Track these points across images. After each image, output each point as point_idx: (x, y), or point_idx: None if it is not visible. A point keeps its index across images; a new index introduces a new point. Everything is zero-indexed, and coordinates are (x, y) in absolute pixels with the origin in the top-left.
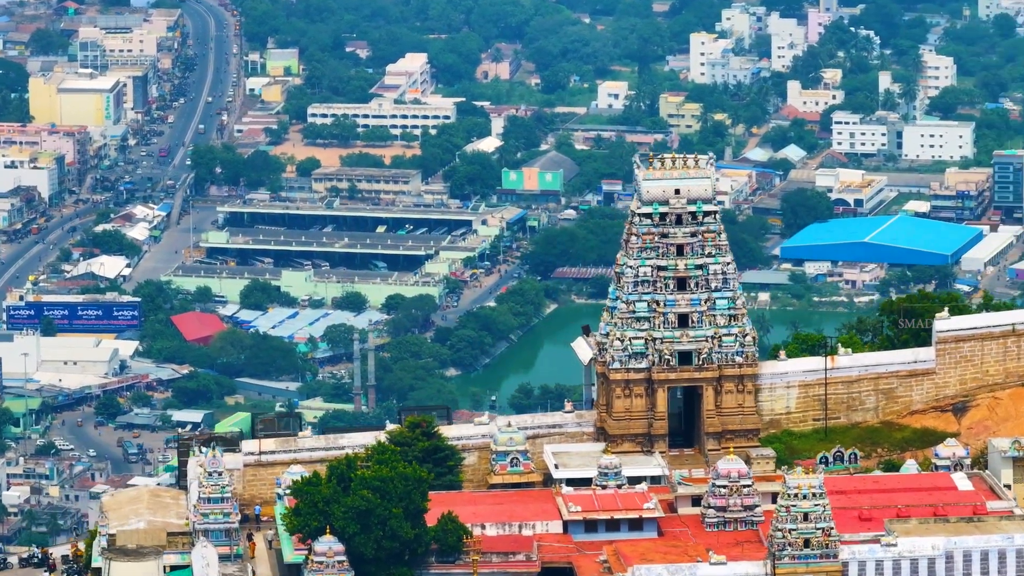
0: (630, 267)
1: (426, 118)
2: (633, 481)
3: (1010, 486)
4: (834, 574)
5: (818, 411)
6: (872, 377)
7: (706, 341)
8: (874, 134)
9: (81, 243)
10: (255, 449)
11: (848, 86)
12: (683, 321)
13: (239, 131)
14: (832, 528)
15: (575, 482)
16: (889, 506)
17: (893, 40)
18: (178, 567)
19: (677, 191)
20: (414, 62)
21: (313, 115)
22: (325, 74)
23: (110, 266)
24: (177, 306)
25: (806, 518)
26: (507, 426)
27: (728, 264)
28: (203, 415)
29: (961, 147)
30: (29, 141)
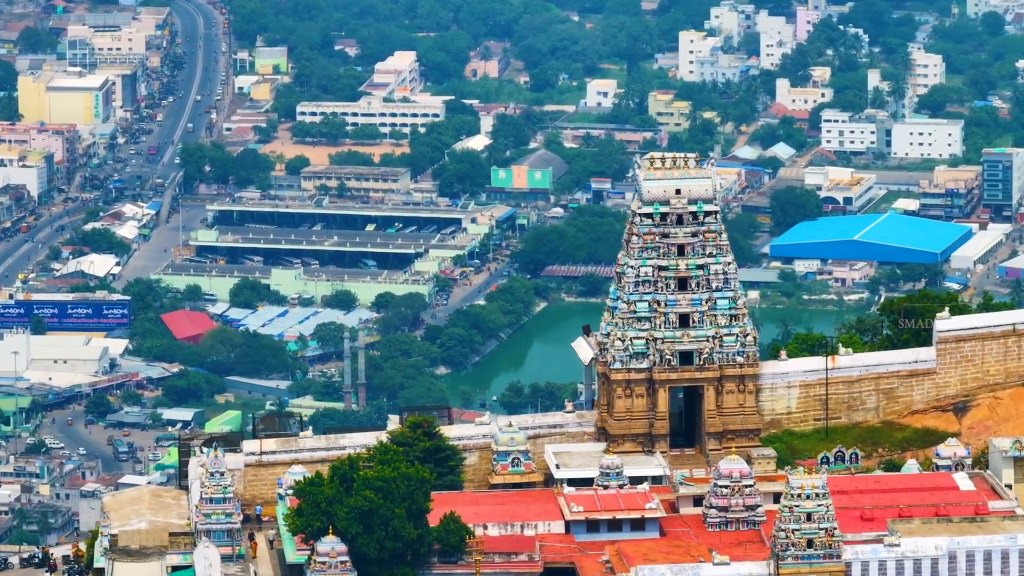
0: (631, 267)
1: (415, 116)
2: (634, 481)
3: (1011, 486)
4: (837, 574)
5: (819, 411)
6: (873, 377)
7: (707, 341)
8: (863, 132)
9: (70, 241)
10: (256, 449)
11: (837, 84)
12: (684, 321)
13: (228, 129)
14: (835, 528)
15: (576, 482)
16: (891, 506)
17: (882, 38)
18: (180, 567)
19: (678, 191)
20: (403, 60)
21: (302, 113)
22: (314, 72)
23: (99, 264)
24: (167, 304)
25: (809, 518)
26: (508, 426)
27: (729, 264)
28: (193, 413)
29: (950, 145)
30: (18, 139)
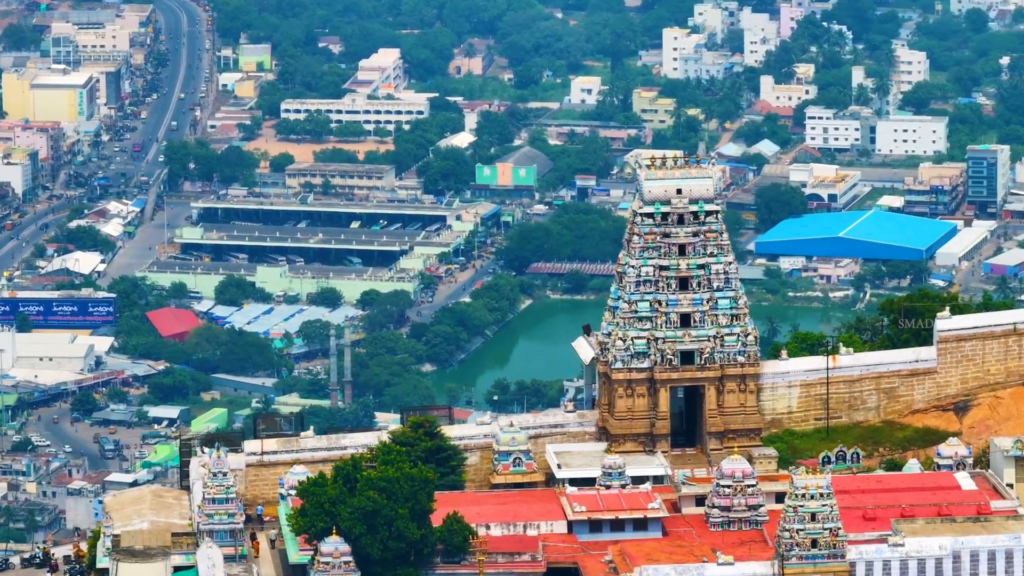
0: (632, 267)
1: (399, 113)
2: (636, 481)
3: (1012, 485)
4: (841, 574)
5: (820, 410)
6: (873, 376)
7: (708, 341)
8: (847, 129)
9: (55, 239)
10: (257, 449)
11: (821, 81)
12: (685, 321)
13: (212, 127)
14: (840, 528)
15: (578, 482)
16: (893, 505)
17: (865, 35)
18: (183, 568)
19: (679, 191)
20: (387, 57)
21: (286, 111)
22: (298, 69)
23: (84, 262)
24: (152, 302)
25: (813, 518)
26: (509, 426)
27: (730, 264)
28: (179, 411)
29: (934, 142)
30: (2, 137)
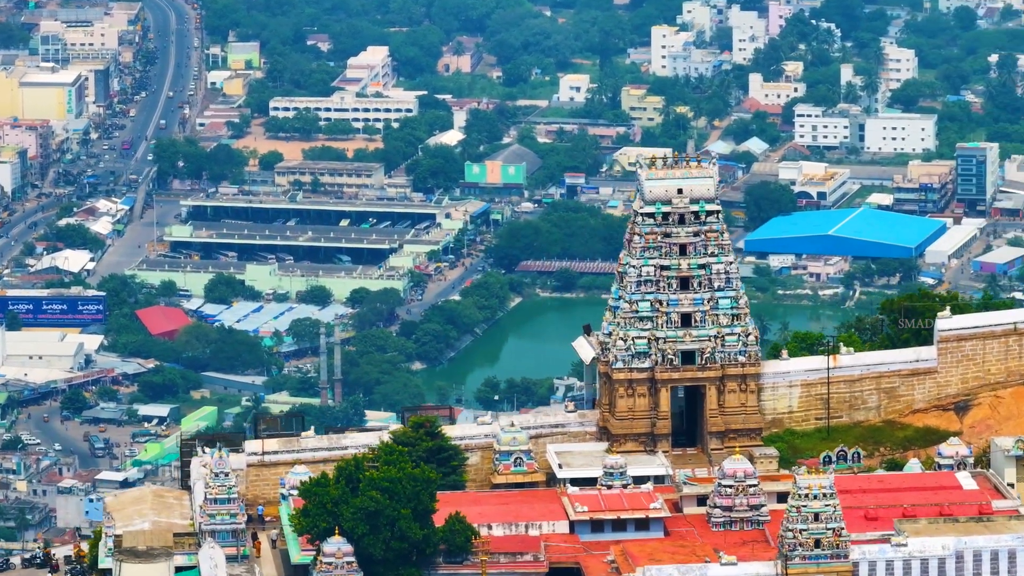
0: (633, 267)
1: (388, 111)
2: (637, 481)
3: (1013, 485)
4: (844, 574)
5: (820, 410)
6: (874, 376)
7: (709, 341)
8: (836, 127)
9: (44, 237)
10: (258, 449)
11: (809, 79)
12: (686, 321)
13: (201, 125)
14: (843, 528)
15: (579, 482)
16: (895, 505)
17: (854, 33)
18: (185, 568)
19: (680, 191)
20: (375, 55)
21: (275, 108)
22: (287, 67)
23: (74, 260)
24: (142, 300)
25: (817, 518)
26: (510, 426)
27: (731, 264)
28: (169, 409)
29: (923, 140)
30: None
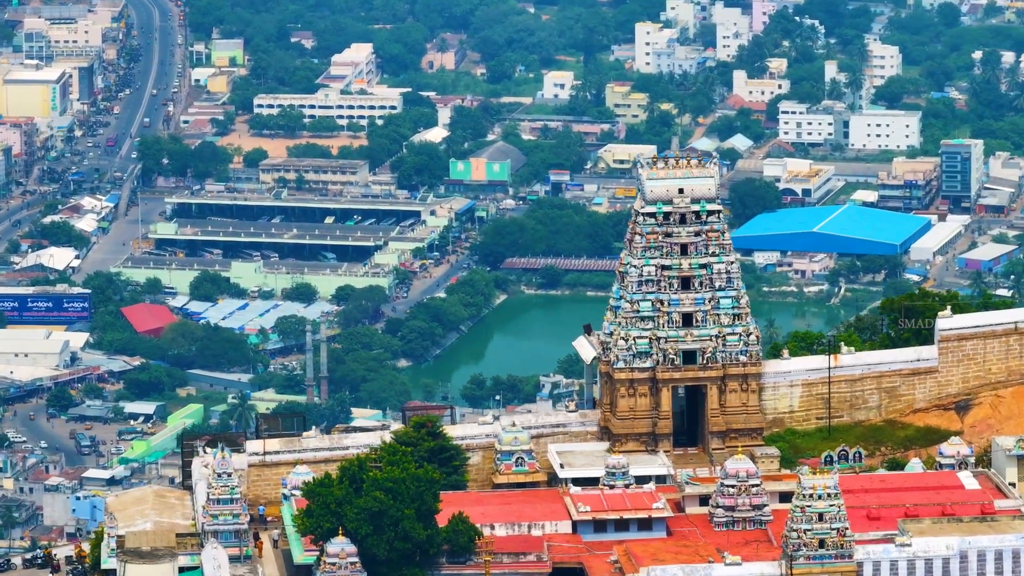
0: (634, 266)
1: (372, 108)
2: (638, 480)
3: (1015, 484)
4: (849, 574)
5: (821, 410)
6: (875, 376)
7: (710, 340)
8: (820, 123)
9: (29, 235)
10: (259, 449)
11: (794, 75)
12: (687, 320)
13: (185, 122)
14: (847, 528)
15: (580, 481)
16: (897, 505)
17: (838, 29)
18: (188, 568)
19: (681, 190)
20: (359, 52)
21: (259, 106)
22: (271, 64)
23: (59, 258)
24: (127, 298)
25: (821, 518)
26: (511, 425)
27: (732, 263)
28: (155, 407)
29: (907, 136)
30: None
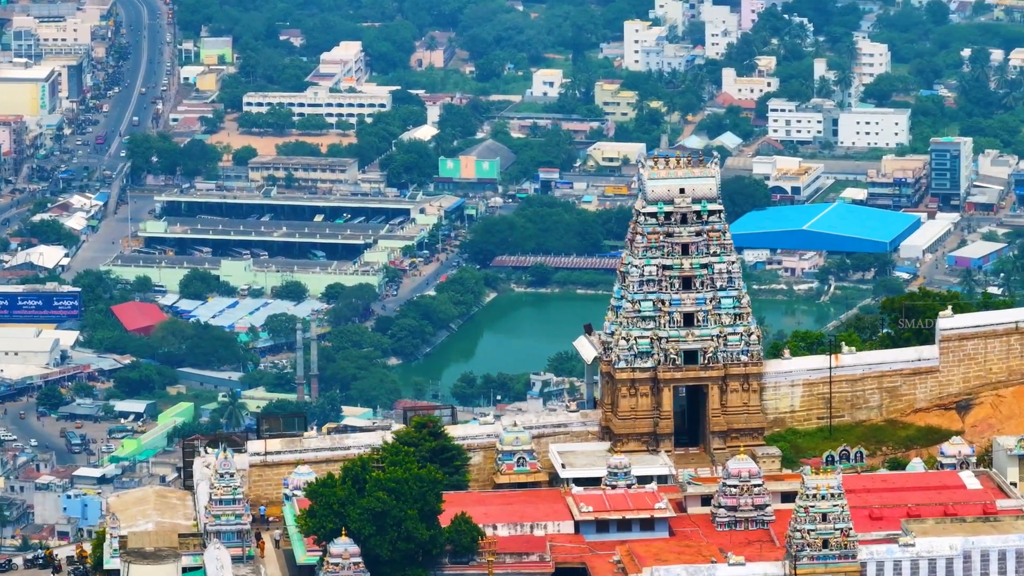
0: (635, 266)
1: (361, 106)
2: (641, 480)
3: (1016, 484)
4: (852, 574)
5: (822, 409)
6: (876, 375)
7: (711, 340)
8: (810, 121)
9: (19, 233)
10: (261, 449)
11: (783, 73)
12: (688, 320)
13: (174, 120)
14: (851, 528)
15: (582, 481)
16: (899, 505)
17: (827, 27)
18: (191, 568)
19: (682, 190)
20: (348, 50)
21: (248, 104)
22: (260, 63)
23: (48, 256)
24: (117, 296)
25: (824, 518)
26: (513, 426)
27: (733, 263)
28: (146, 405)
29: (897, 134)
30: None
